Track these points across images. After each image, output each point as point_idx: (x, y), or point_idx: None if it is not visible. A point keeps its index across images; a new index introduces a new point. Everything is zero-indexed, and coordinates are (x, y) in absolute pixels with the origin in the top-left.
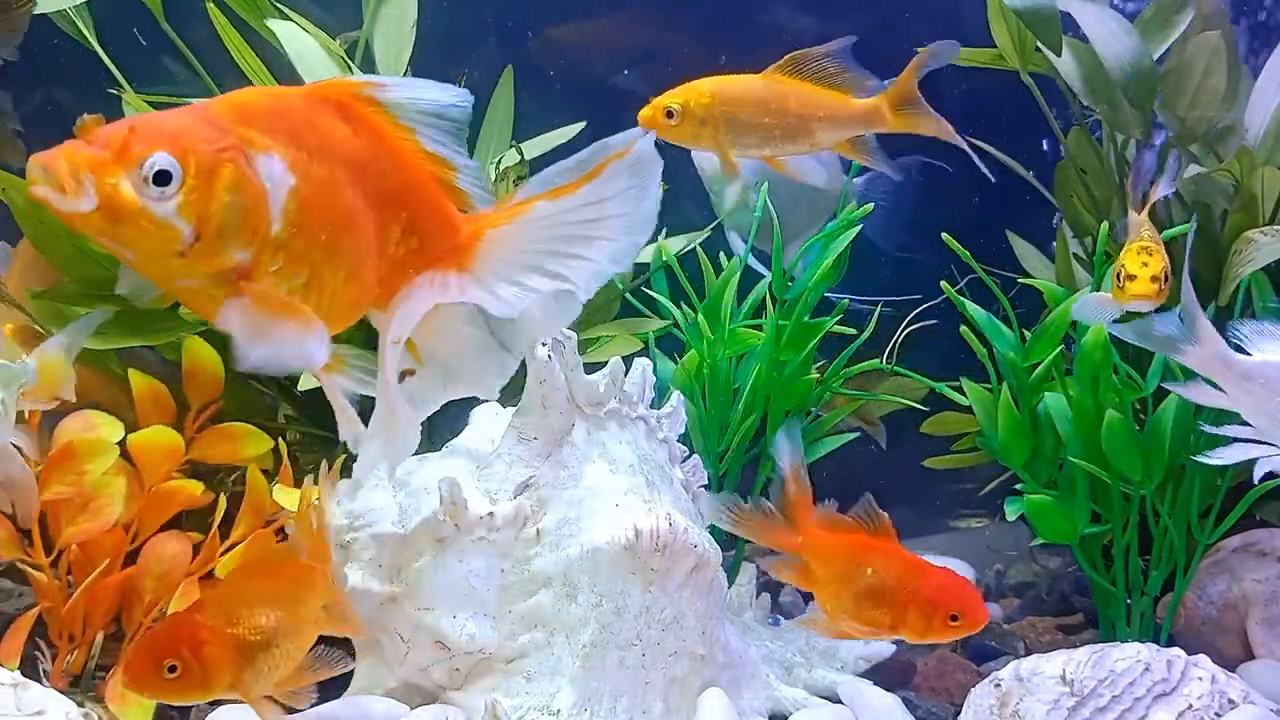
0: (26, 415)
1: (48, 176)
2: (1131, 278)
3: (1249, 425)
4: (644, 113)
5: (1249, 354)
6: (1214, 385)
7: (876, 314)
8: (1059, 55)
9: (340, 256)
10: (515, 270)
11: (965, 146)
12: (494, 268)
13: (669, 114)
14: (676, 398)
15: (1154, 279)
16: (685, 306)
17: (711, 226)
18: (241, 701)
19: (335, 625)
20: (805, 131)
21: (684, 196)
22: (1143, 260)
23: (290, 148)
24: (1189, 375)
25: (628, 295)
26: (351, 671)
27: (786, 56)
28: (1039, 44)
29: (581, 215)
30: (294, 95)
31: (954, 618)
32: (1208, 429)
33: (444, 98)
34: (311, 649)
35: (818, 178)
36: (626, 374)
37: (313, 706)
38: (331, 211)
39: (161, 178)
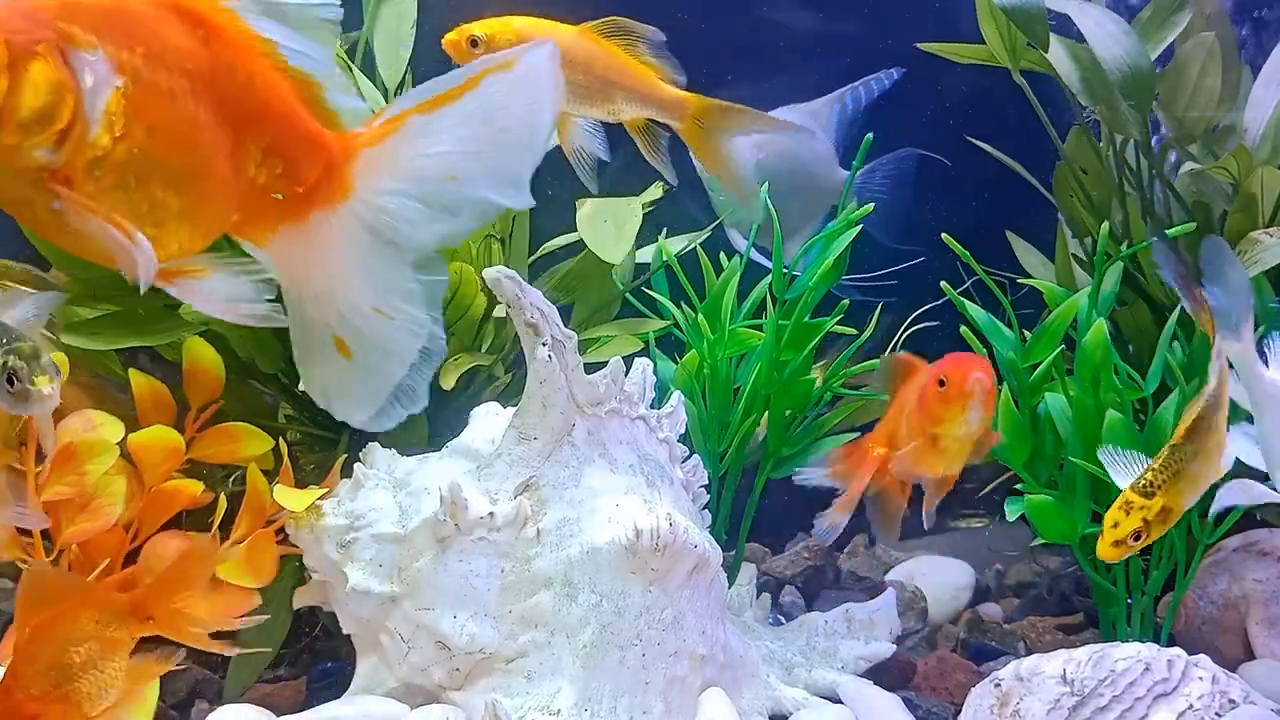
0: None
1: None
2: (1113, 525)
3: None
4: (449, 37)
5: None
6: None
7: (877, 314)
8: (1046, 52)
9: (179, 171)
10: (397, 192)
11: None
12: (373, 191)
13: (473, 42)
14: (676, 398)
15: (1117, 543)
16: (685, 306)
17: (713, 227)
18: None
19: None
20: (604, 97)
21: (684, 196)
22: (1120, 514)
23: (121, 49)
24: (1189, 377)
25: (628, 295)
26: (350, 671)
27: (608, 18)
28: (1030, 42)
29: (463, 130)
30: None
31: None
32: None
33: (308, 3)
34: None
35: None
36: (627, 374)
37: (313, 707)
38: (167, 122)
39: None
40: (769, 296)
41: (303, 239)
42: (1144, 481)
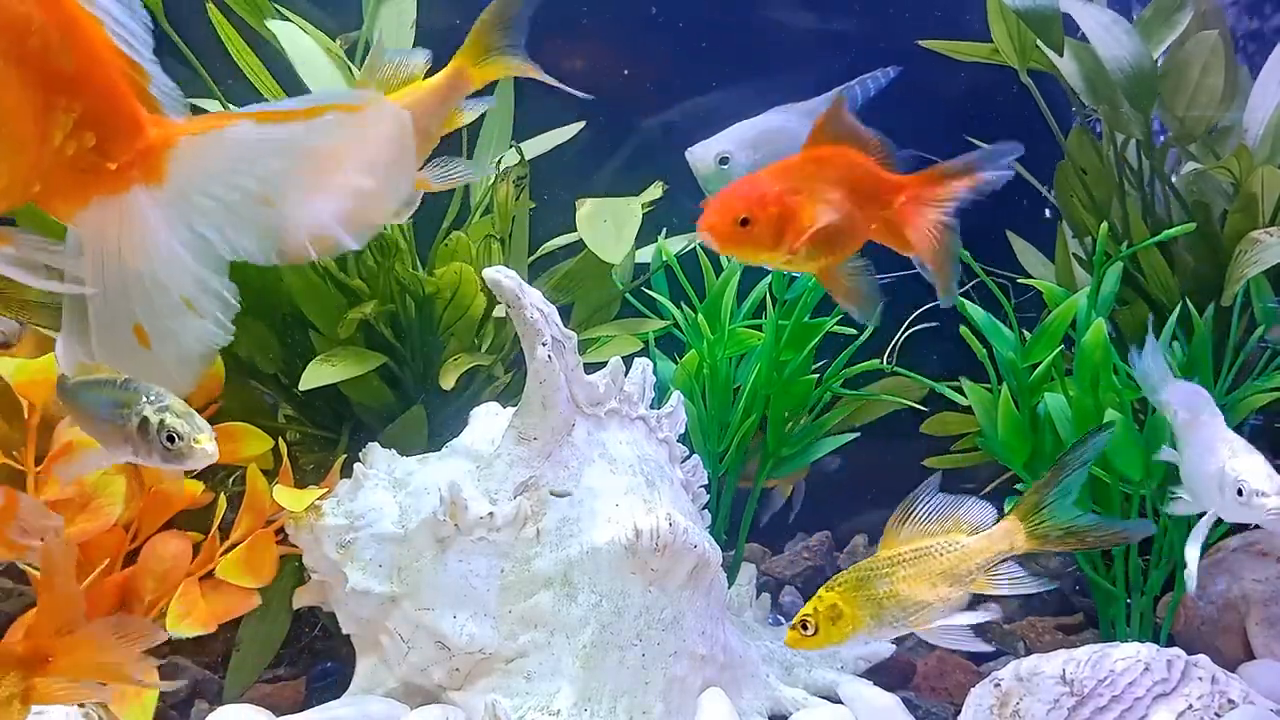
0: (26, 414)
1: None
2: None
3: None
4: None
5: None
6: None
7: (876, 315)
8: (1060, 55)
9: None
10: (214, 189)
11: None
12: (189, 181)
13: None
14: (676, 398)
15: (793, 625)
16: (685, 306)
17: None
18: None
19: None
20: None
21: (684, 196)
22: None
23: None
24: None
25: (628, 295)
26: (350, 671)
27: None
28: (1039, 43)
29: (294, 154)
30: None
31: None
32: None
33: (126, 3)
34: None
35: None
36: (626, 374)
37: (313, 707)
38: None
39: None
40: (769, 296)
41: (115, 216)
42: (836, 576)
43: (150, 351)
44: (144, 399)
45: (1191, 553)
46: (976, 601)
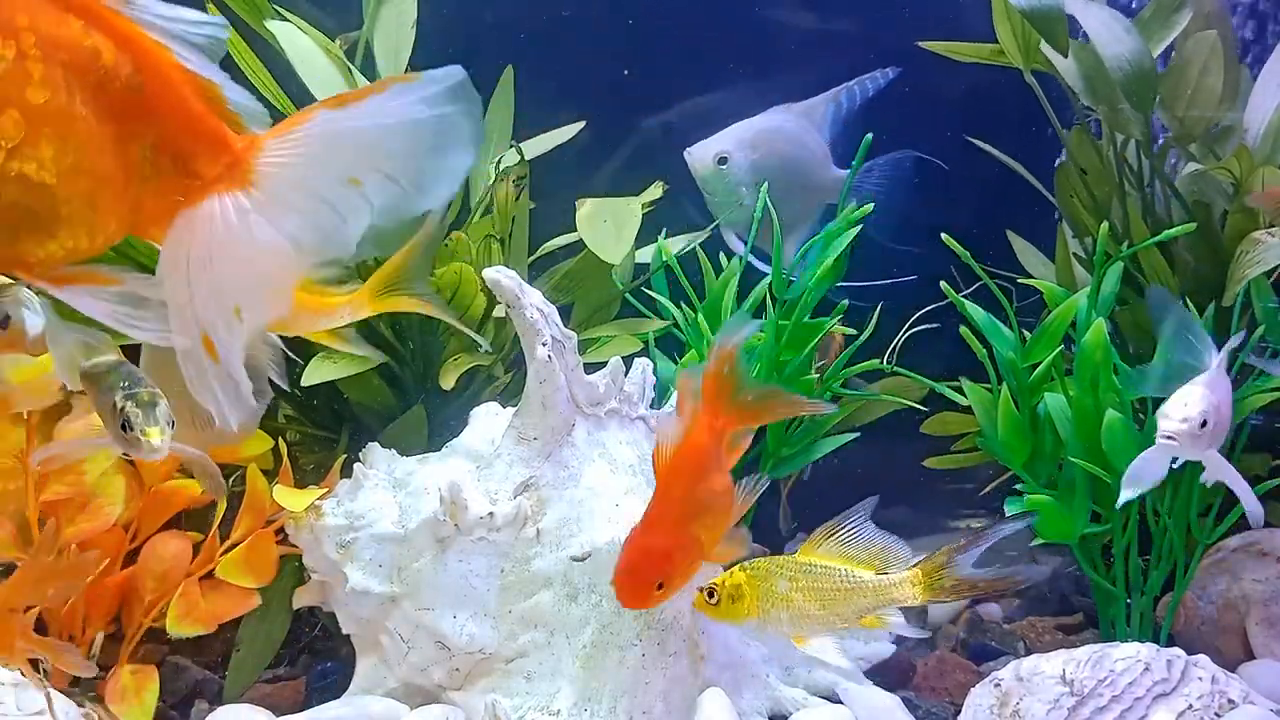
0: (26, 415)
1: None
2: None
3: None
4: None
5: None
6: None
7: (877, 313)
8: (1066, 56)
9: (54, 167)
10: (303, 186)
11: None
12: (278, 183)
13: None
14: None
15: (702, 590)
16: (685, 306)
17: (711, 228)
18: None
19: None
20: None
21: (684, 197)
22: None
23: None
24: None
25: (628, 295)
26: (350, 671)
27: None
28: (1043, 43)
29: (362, 134)
30: None
31: None
32: None
33: (198, 19)
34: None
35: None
36: (626, 374)
37: (313, 707)
38: (40, 115)
39: None
40: (769, 296)
41: (204, 226)
42: (752, 561)
43: (220, 365)
44: (121, 384)
45: (1130, 486)
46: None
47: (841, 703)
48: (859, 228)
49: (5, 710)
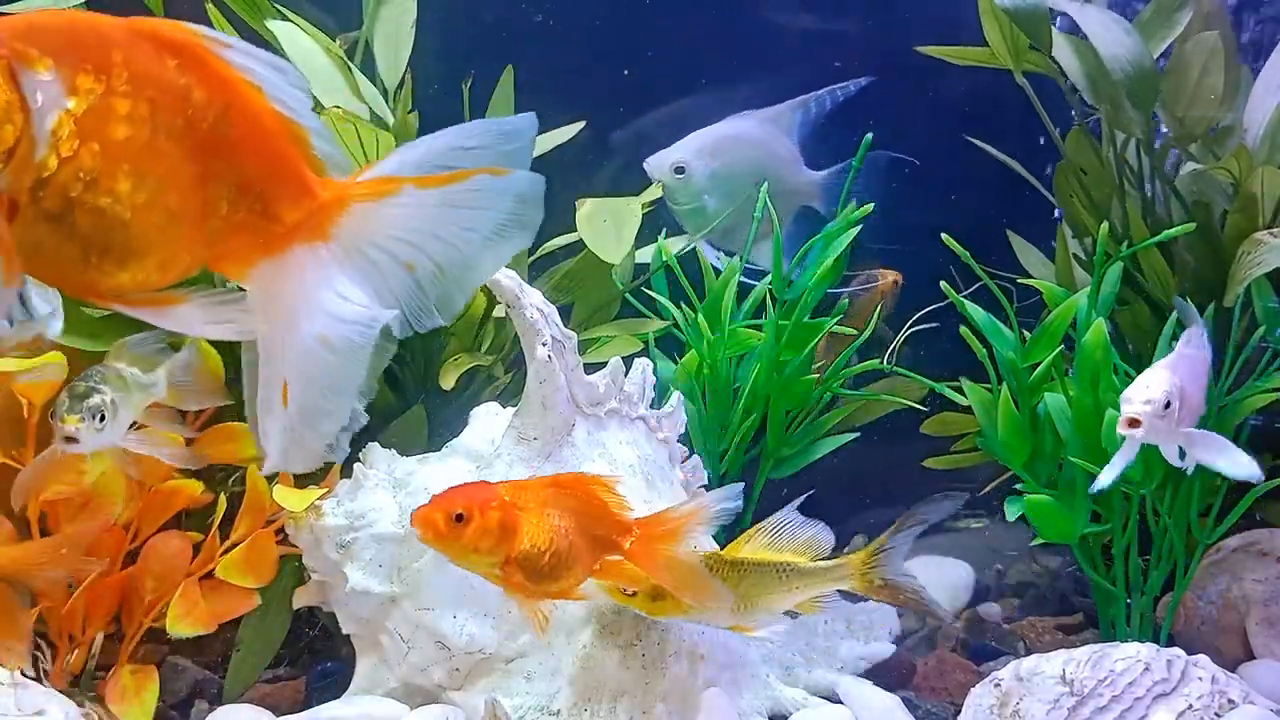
0: (26, 414)
1: None
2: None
3: None
4: None
5: None
6: None
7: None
8: (1049, 53)
9: (131, 199)
10: (377, 250)
11: None
12: (357, 243)
13: None
14: (676, 398)
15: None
16: (685, 307)
17: (712, 228)
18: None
19: None
20: None
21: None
22: None
23: (79, 72)
24: None
25: (628, 295)
26: (350, 671)
27: None
28: (1032, 44)
29: (437, 213)
30: (109, 23)
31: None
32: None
33: (284, 65)
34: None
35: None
36: (626, 374)
37: (313, 707)
38: (121, 148)
39: None
40: (769, 296)
41: (281, 273)
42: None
43: (288, 410)
44: (81, 378)
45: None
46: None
47: (841, 703)
48: (857, 228)
49: (5, 710)
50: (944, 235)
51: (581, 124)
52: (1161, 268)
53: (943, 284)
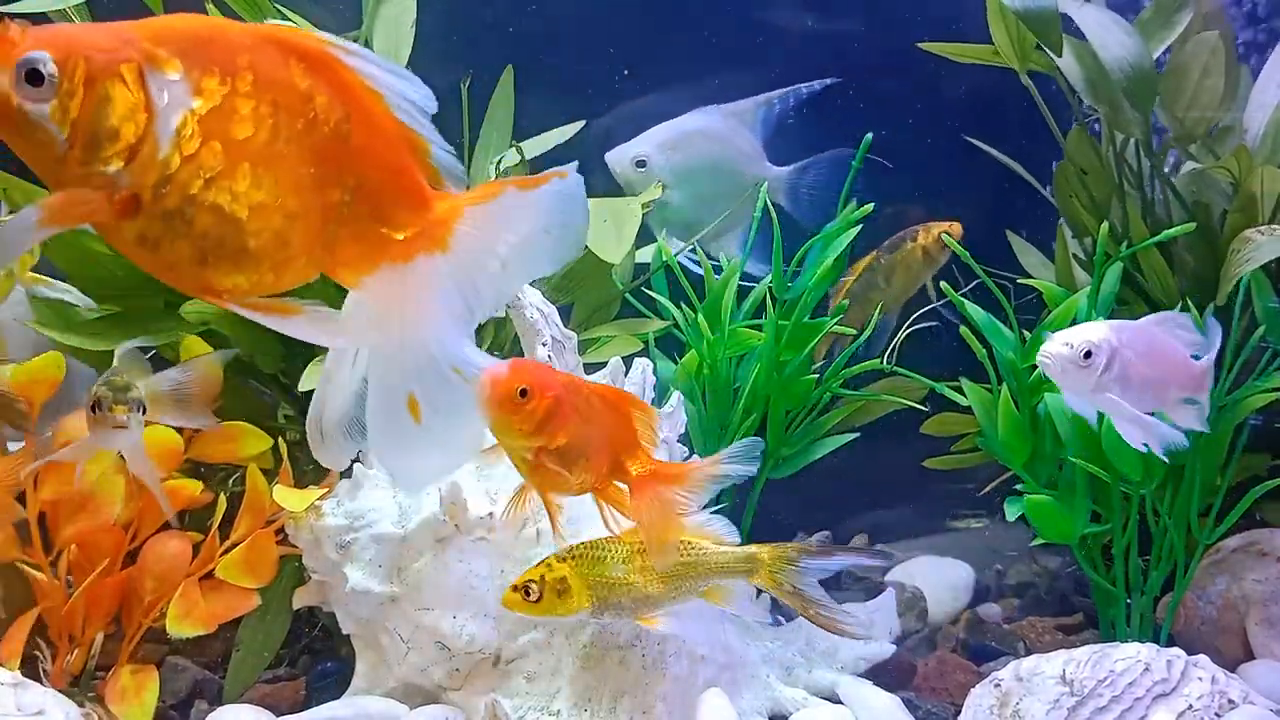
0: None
1: None
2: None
3: None
4: None
5: None
6: None
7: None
8: (1059, 55)
9: (249, 200)
10: (488, 254)
11: None
12: (471, 249)
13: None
14: (676, 398)
15: (515, 588)
16: (685, 306)
17: (711, 227)
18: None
19: None
20: None
21: None
22: (536, 568)
23: (205, 75)
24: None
25: (628, 295)
26: (350, 671)
27: None
28: (1039, 44)
29: (531, 216)
30: (237, 29)
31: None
32: None
33: (407, 75)
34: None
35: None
36: (626, 374)
37: (313, 707)
38: (242, 150)
39: (33, 77)
40: (769, 296)
41: (399, 284)
42: (571, 548)
43: (421, 425)
44: (105, 378)
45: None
46: None
47: (841, 703)
48: (857, 228)
49: (5, 710)
50: (944, 235)
51: (581, 124)
52: (1161, 268)
53: (943, 284)
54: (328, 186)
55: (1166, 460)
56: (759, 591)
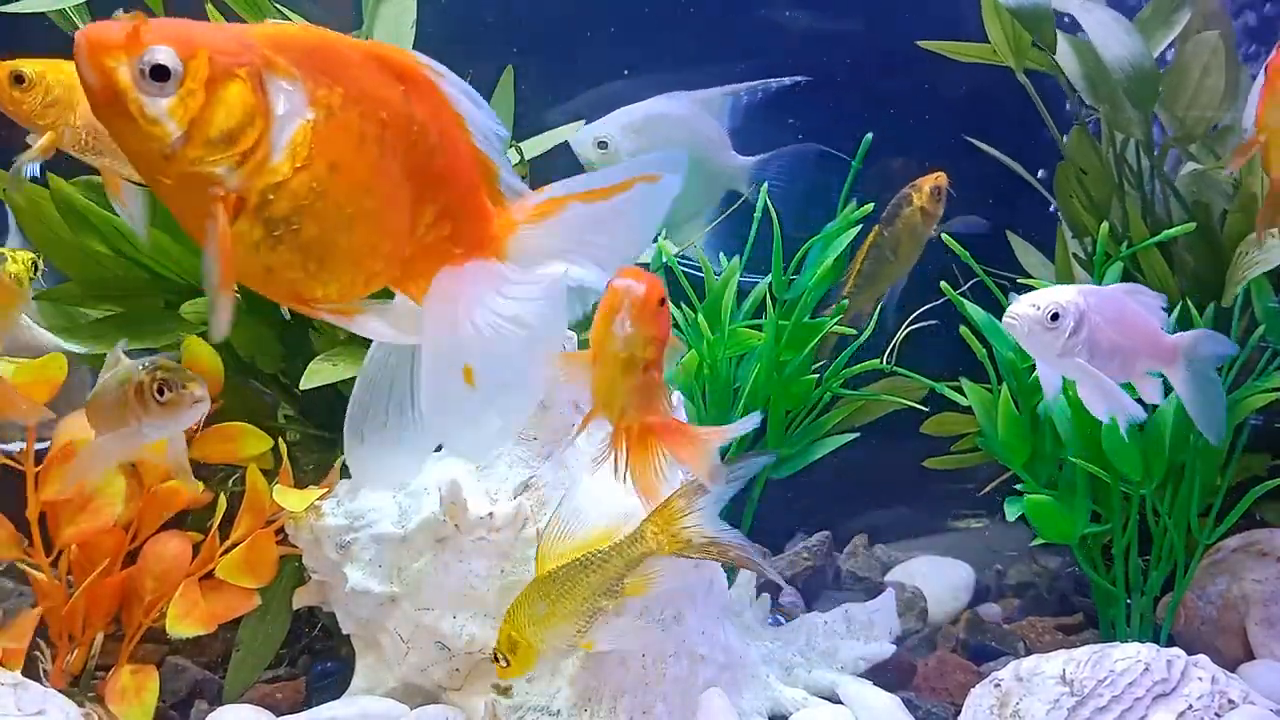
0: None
1: (76, 51)
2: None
3: None
4: None
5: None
6: None
7: (876, 314)
8: (1054, 53)
9: (352, 213)
10: (547, 259)
11: None
12: (523, 262)
13: (17, 79)
14: (676, 398)
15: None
16: (685, 306)
17: (711, 226)
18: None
19: None
20: None
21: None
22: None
23: (320, 86)
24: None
25: None
26: (350, 671)
27: None
28: (1035, 42)
29: (601, 222)
30: (347, 43)
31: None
32: None
33: (482, 102)
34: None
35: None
36: None
37: (313, 707)
38: (351, 163)
39: (158, 72)
40: (769, 296)
41: (453, 285)
42: (509, 609)
43: (477, 393)
44: (138, 368)
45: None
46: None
47: (841, 703)
48: (857, 227)
49: (5, 710)
50: (944, 235)
51: (581, 123)
52: (1161, 268)
53: (943, 284)
54: (418, 204)
55: (1125, 436)
56: (759, 592)
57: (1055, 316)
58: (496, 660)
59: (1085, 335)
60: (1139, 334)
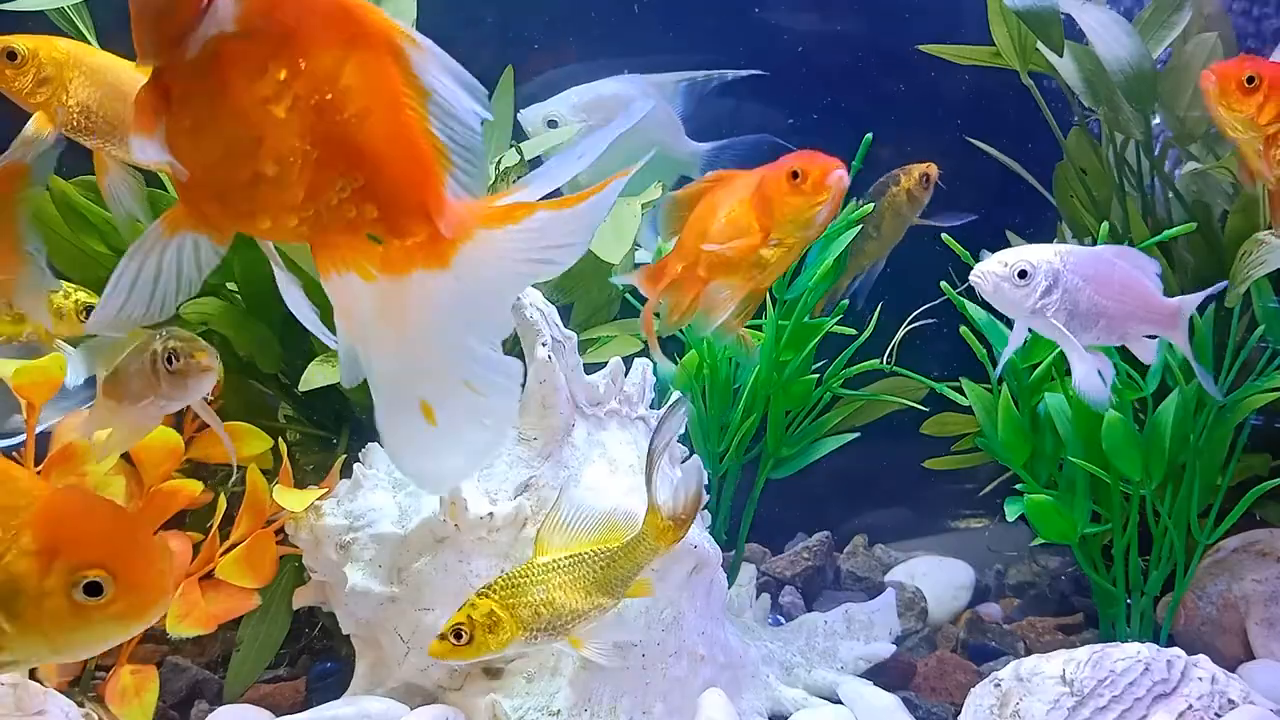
0: (24, 414)
1: None
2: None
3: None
4: None
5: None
6: None
7: (876, 314)
8: (1061, 56)
9: (238, 136)
10: (498, 276)
11: None
12: (478, 271)
13: (10, 55)
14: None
15: (441, 637)
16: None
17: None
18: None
19: None
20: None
21: None
22: (463, 610)
23: (257, 12)
24: (1189, 377)
25: (627, 295)
26: (350, 671)
27: None
28: (1039, 45)
29: (570, 226)
30: None
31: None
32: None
33: (470, 91)
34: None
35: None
36: (626, 374)
37: (313, 707)
38: (243, 90)
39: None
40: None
41: (400, 298)
42: (488, 584)
43: (437, 429)
44: (155, 338)
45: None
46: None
47: (841, 703)
48: (857, 228)
49: (5, 710)
50: (944, 235)
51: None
52: (1162, 267)
53: (942, 284)
54: (325, 169)
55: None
56: (759, 591)
57: (1023, 274)
58: (457, 635)
59: (1060, 296)
60: (1130, 296)
